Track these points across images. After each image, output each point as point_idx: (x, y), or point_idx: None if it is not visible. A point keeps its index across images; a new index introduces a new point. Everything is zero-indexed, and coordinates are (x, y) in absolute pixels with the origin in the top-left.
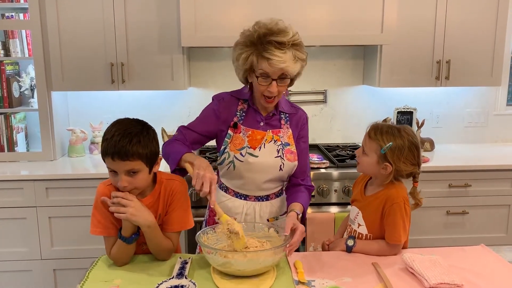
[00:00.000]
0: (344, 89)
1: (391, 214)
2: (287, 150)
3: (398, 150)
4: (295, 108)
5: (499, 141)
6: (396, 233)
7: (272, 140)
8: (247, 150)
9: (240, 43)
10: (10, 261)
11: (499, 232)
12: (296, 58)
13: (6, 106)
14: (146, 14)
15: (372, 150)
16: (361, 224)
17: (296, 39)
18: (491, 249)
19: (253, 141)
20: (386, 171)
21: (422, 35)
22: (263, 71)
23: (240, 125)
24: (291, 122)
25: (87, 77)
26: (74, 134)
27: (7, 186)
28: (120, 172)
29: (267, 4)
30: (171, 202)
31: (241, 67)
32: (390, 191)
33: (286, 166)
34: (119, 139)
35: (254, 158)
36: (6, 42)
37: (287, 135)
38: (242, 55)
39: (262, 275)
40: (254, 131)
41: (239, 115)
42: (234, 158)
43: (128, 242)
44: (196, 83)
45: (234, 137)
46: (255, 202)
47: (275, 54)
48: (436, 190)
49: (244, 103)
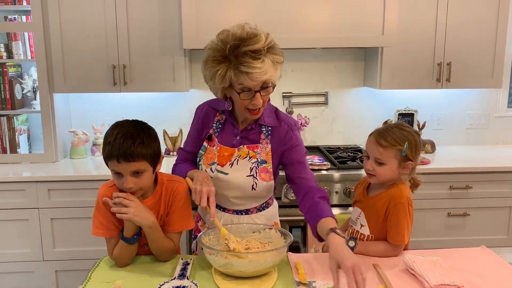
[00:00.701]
0: (345, 91)
1: (395, 214)
2: (262, 168)
3: (414, 145)
4: (279, 121)
5: (500, 143)
6: (400, 233)
7: (247, 157)
8: (216, 166)
9: (210, 61)
10: (12, 262)
11: (500, 234)
12: (275, 63)
13: (9, 108)
14: (148, 17)
15: (391, 157)
16: (363, 225)
17: (269, 43)
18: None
19: (220, 157)
20: (408, 169)
21: (423, 37)
22: (243, 86)
23: (215, 137)
24: (273, 136)
25: (89, 79)
26: (76, 136)
27: (9, 187)
28: (126, 174)
29: (268, 6)
30: (172, 203)
31: (219, 85)
32: (394, 191)
33: (259, 186)
34: (123, 141)
35: (224, 176)
36: (9, 44)
37: (265, 152)
38: (217, 72)
39: (264, 276)
40: (221, 147)
41: (215, 127)
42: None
43: (130, 242)
44: (197, 85)
45: (208, 150)
46: (233, 215)
47: (253, 66)
48: (437, 192)
49: (221, 114)
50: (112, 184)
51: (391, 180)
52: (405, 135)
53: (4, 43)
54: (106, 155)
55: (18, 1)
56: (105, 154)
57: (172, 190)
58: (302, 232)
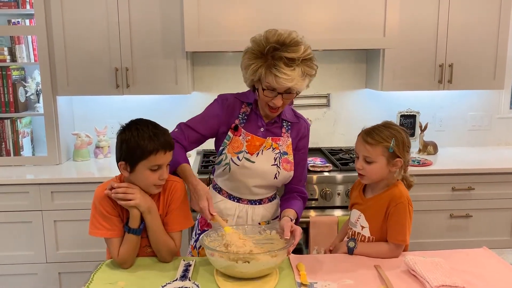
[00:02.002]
0: (347, 93)
1: (396, 214)
2: (284, 159)
3: (401, 142)
4: (298, 118)
5: (502, 144)
6: (402, 232)
7: (270, 148)
8: (245, 154)
9: (249, 52)
10: (16, 265)
11: (503, 236)
12: (305, 74)
13: (12, 111)
14: (150, 20)
15: (379, 155)
16: (364, 226)
17: (307, 55)
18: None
19: (251, 146)
20: (397, 166)
21: (425, 38)
22: (269, 85)
23: (241, 128)
24: (292, 131)
25: (92, 82)
26: (79, 139)
27: (13, 190)
28: (165, 164)
29: (270, 9)
30: (170, 202)
31: (249, 76)
32: (393, 191)
33: (281, 175)
34: (159, 133)
35: (251, 164)
36: (12, 47)
37: (286, 144)
38: (251, 66)
39: (265, 277)
40: (253, 136)
41: (241, 118)
42: (231, 160)
43: (137, 233)
44: (199, 88)
45: (234, 139)
46: (248, 205)
47: (283, 71)
48: (439, 193)
49: (247, 106)
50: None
51: (382, 179)
52: (392, 132)
53: (7, 47)
54: (151, 149)
55: (21, 5)
56: (148, 150)
57: (170, 189)
58: (304, 233)
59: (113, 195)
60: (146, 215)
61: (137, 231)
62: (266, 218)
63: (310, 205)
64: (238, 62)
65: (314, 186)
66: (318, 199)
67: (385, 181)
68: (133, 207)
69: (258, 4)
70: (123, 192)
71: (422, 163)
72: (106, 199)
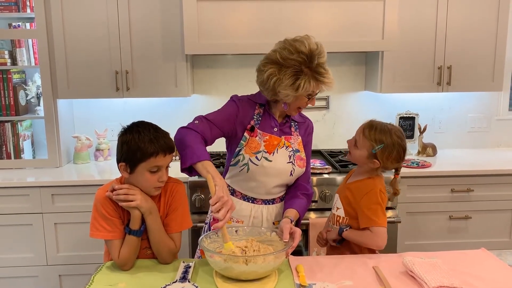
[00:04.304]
0: (346, 95)
1: (367, 200)
2: (298, 156)
3: (388, 151)
4: (303, 118)
5: (501, 146)
6: (375, 216)
7: (284, 146)
8: (263, 154)
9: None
10: (16, 267)
11: (502, 237)
12: None
13: (13, 114)
14: (150, 23)
15: (365, 147)
16: (339, 208)
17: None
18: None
19: (269, 146)
20: (374, 166)
21: (423, 41)
22: (312, 92)
23: (257, 129)
24: (300, 130)
25: (93, 85)
26: (79, 141)
27: (13, 192)
28: (165, 166)
29: (269, 12)
30: (171, 203)
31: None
32: (367, 181)
33: (296, 172)
34: (161, 135)
35: (269, 163)
36: (13, 51)
37: (297, 142)
38: (297, 82)
39: (264, 278)
40: (271, 136)
41: (256, 119)
42: (249, 161)
43: (138, 235)
44: (199, 90)
45: (250, 140)
46: (262, 205)
47: (328, 76)
48: (438, 195)
49: (260, 107)
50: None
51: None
52: (386, 140)
53: (8, 50)
54: (151, 151)
55: (22, 9)
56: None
57: (170, 190)
58: (304, 235)
59: (115, 197)
60: (147, 216)
61: (137, 232)
62: (279, 217)
63: (310, 207)
64: (238, 65)
65: (314, 188)
66: (317, 201)
67: (366, 169)
68: (134, 208)
69: (258, 7)
70: (125, 193)
71: (421, 165)
72: (107, 201)
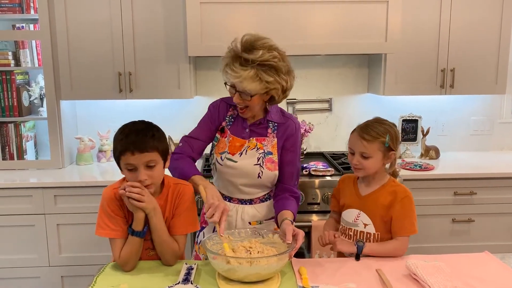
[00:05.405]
0: (349, 97)
1: (403, 207)
2: (268, 159)
3: (395, 136)
4: (286, 118)
5: (504, 149)
6: (412, 223)
7: (255, 148)
8: (226, 155)
9: (224, 55)
10: (19, 268)
11: (505, 240)
12: (258, 77)
13: (16, 115)
14: (153, 25)
15: (375, 150)
16: (367, 224)
17: (264, 60)
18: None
19: (232, 147)
20: (391, 159)
21: (427, 43)
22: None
23: (227, 129)
24: (278, 132)
25: (96, 86)
26: (82, 143)
27: (16, 193)
28: (140, 166)
29: (272, 14)
30: (178, 205)
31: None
32: (395, 187)
33: (264, 175)
34: (135, 134)
35: (233, 163)
36: (16, 52)
37: (271, 144)
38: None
39: (267, 281)
40: (234, 138)
41: (228, 120)
42: (216, 160)
43: (140, 236)
44: (202, 92)
45: (220, 141)
46: (238, 204)
47: (234, 69)
48: (441, 198)
49: (234, 109)
50: (116, 186)
51: (377, 171)
52: (386, 128)
53: (12, 51)
54: (120, 150)
55: (26, 10)
56: (118, 150)
57: (178, 192)
58: (306, 237)
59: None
60: (151, 216)
61: (140, 233)
62: (256, 218)
63: (312, 209)
64: None
65: (316, 190)
66: (320, 203)
67: (378, 175)
68: (138, 209)
69: (261, 9)
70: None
71: (424, 168)
72: (113, 200)
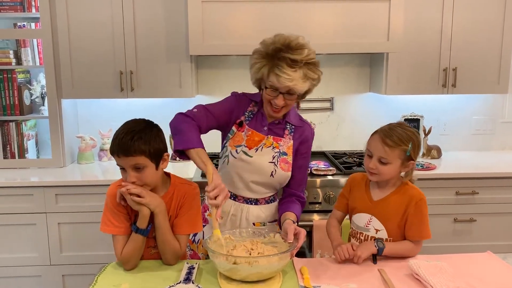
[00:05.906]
0: (350, 96)
1: (419, 211)
2: (283, 159)
3: (417, 146)
4: (303, 122)
5: (506, 149)
6: (427, 228)
7: (271, 146)
8: (243, 148)
9: (257, 52)
10: (20, 267)
11: (507, 240)
12: (307, 77)
13: (17, 114)
14: (154, 24)
15: (395, 157)
16: (379, 229)
17: (310, 58)
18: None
19: (250, 141)
20: (409, 168)
21: (429, 42)
22: (272, 84)
23: (246, 124)
24: (295, 134)
25: (97, 85)
26: (83, 141)
27: (17, 192)
28: (127, 168)
29: (274, 13)
30: (182, 204)
31: (253, 75)
32: (409, 191)
33: (277, 174)
34: (123, 136)
35: (248, 158)
36: (18, 50)
37: (287, 145)
38: (256, 64)
39: (268, 280)
40: (253, 132)
41: (247, 115)
42: (229, 153)
43: (145, 234)
44: (203, 91)
45: (236, 134)
46: (243, 204)
47: (285, 71)
48: (443, 197)
49: (255, 105)
50: (119, 183)
51: (391, 178)
52: (409, 135)
53: (13, 50)
54: (110, 150)
55: (27, 9)
56: (110, 150)
57: (183, 192)
58: (308, 237)
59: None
60: (157, 213)
61: (144, 231)
62: (261, 219)
63: (314, 208)
64: (242, 66)
65: (318, 189)
66: (321, 203)
67: (392, 180)
68: (143, 206)
69: (263, 8)
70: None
71: (426, 167)
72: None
